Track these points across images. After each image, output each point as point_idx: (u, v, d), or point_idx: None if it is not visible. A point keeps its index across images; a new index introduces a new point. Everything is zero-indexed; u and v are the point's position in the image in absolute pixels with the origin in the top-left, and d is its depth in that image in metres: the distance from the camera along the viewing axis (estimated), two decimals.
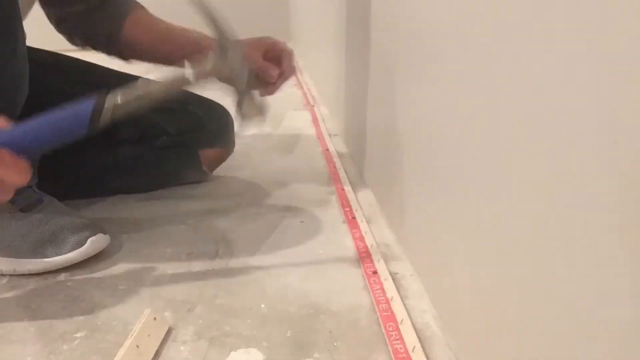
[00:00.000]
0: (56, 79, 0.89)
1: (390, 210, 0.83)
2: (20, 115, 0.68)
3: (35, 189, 0.76)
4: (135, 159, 0.96)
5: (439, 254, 0.59)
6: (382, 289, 0.65)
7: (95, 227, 0.74)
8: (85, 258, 0.72)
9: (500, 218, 0.43)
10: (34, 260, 0.70)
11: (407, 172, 0.70)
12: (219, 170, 1.06)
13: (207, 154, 1.01)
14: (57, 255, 0.70)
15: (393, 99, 0.74)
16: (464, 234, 0.51)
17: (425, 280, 0.65)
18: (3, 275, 0.71)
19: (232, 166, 1.09)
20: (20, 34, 0.68)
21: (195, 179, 1.03)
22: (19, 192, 0.67)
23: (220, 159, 1.05)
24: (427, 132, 0.60)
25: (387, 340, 0.56)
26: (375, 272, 0.68)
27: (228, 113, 1.02)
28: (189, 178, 1.03)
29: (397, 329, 0.57)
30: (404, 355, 0.53)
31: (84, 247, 0.71)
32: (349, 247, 0.77)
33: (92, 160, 0.94)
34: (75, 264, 0.71)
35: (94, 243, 0.72)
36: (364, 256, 0.73)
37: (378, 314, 0.60)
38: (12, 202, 0.72)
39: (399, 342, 0.55)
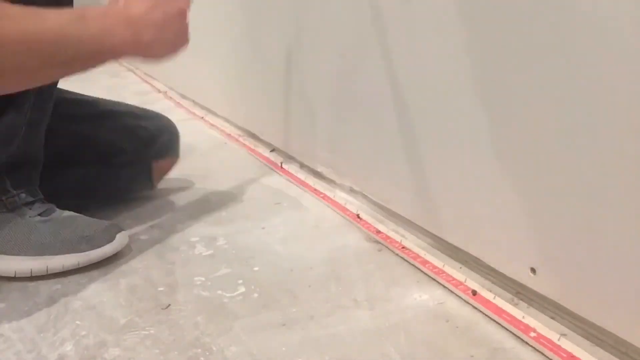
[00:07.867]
0: None
1: None
2: None
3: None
4: (94, 179, 1.01)
5: None
6: None
7: (115, 225, 0.82)
8: (116, 252, 0.80)
9: None
10: (68, 256, 0.76)
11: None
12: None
13: (157, 165, 1.09)
14: (92, 249, 0.78)
15: None
16: None
17: None
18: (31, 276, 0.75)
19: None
20: None
21: (143, 190, 1.10)
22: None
23: (168, 169, 1.13)
24: None
25: None
26: None
27: (173, 124, 1.11)
28: (139, 191, 1.10)
29: None
30: None
31: (114, 241, 0.79)
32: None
33: (48, 182, 0.91)
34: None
35: (121, 238, 0.80)
36: None
37: None
38: (30, 208, 0.79)
39: None
